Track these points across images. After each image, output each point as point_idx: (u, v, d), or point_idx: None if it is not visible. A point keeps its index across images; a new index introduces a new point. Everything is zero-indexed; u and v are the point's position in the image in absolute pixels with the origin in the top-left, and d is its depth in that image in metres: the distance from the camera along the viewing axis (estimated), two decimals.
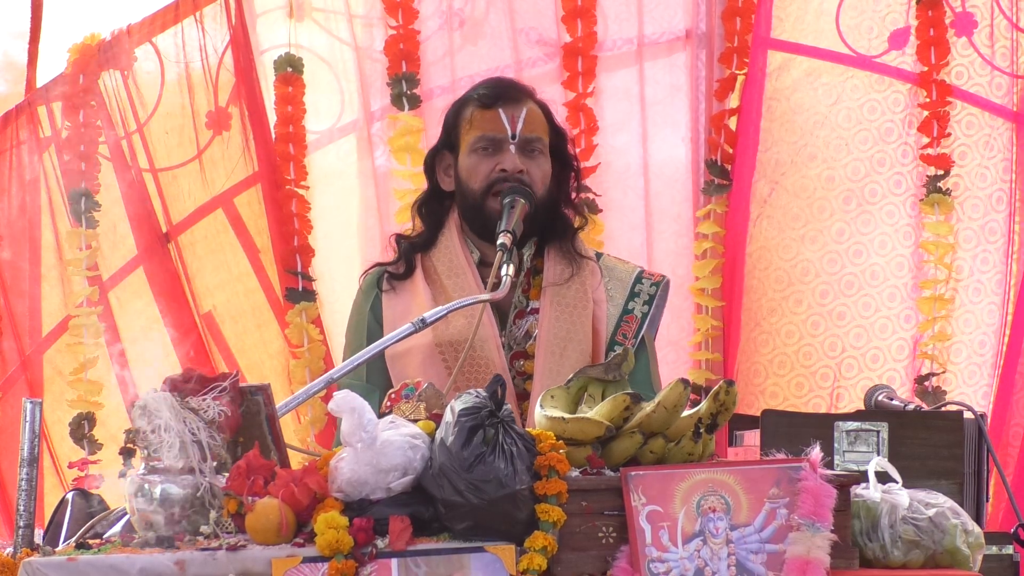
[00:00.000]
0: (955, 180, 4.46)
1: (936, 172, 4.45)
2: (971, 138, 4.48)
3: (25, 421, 2.45)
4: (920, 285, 4.45)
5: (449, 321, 3.18)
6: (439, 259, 3.35)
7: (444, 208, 3.41)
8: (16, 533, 2.43)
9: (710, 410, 2.52)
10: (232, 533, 2.36)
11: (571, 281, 3.33)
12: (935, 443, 2.96)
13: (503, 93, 3.34)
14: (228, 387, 2.47)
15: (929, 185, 4.45)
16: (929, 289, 4.44)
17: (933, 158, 4.46)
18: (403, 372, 3.22)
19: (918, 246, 4.47)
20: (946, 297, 4.43)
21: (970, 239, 4.46)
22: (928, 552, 2.42)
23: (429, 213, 3.43)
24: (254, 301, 4.48)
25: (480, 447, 2.31)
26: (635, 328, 3.36)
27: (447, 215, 3.40)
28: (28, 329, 4.44)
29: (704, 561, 2.30)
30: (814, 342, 4.51)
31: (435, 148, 3.43)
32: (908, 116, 4.49)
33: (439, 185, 3.41)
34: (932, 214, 4.45)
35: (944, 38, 4.45)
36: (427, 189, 3.45)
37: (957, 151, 4.47)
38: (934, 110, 4.45)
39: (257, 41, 4.49)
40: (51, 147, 4.46)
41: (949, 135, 4.45)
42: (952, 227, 4.45)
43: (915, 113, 4.48)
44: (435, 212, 3.42)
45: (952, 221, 4.45)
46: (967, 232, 4.46)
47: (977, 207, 4.47)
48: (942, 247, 4.44)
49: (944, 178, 4.45)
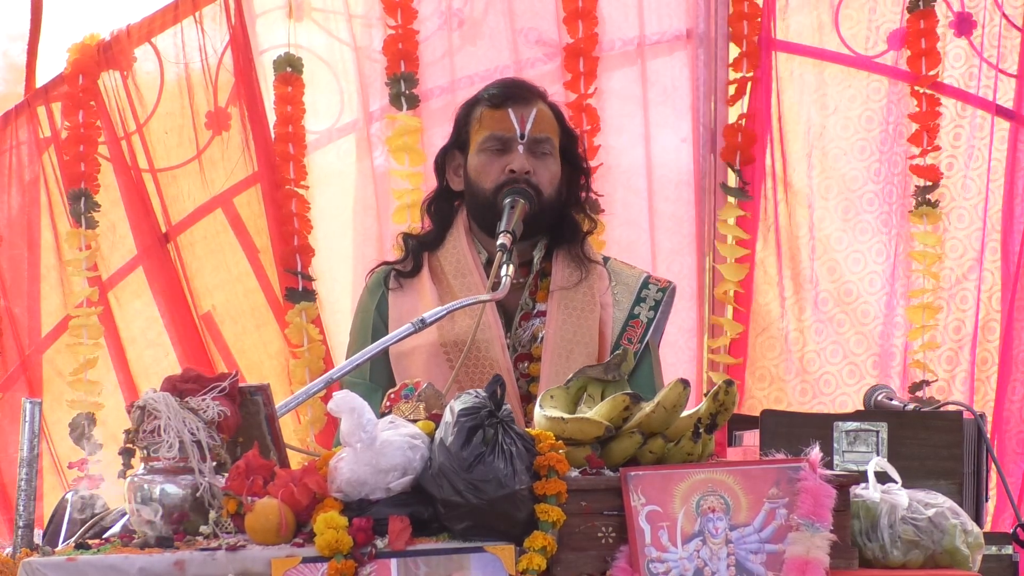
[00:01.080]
0: (942, 191, 4.47)
1: (925, 183, 4.46)
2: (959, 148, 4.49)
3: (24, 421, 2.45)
4: (910, 294, 4.47)
5: (454, 321, 3.19)
6: (446, 258, 3.35)
7: (453, 207, 3.41)
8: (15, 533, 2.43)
9: (709, 410, 2.51)
10: (231, 533, 2.36)
11: (579, 285, 3.33)
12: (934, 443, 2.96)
13: (513, 93, 3.34)
14: (227, 387, 2.48)
15: (918, 196, 4.46)
16: (918, 298, 4.45)
17: (922, 169, 4.46)
18: (407, 371, 3.21)
19: (908, 255, 4.48)
20: (935, 306, 4.45)
21: (956, 248, 4.48)
22: (927, 552, 2.42)
23: (438, 212, 3.43)
24: (254, 301, 4.48)
25: (479, 447, 2.31)
26: (640, 333, 3.36)
27: (455, 214, 3.40)
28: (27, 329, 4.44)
29: (703, 561, 2.30)
30: (817, 348, 4.52)
31: (445, 147, 3.42)
32: (900, 126, 4.50)
33: (448, 184, 3.41)
34: (920, 224, 4.46)
35: (935, 48, 4.46)
36: (436, 188, 3.45)
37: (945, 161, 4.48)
38: (924, 122, 4.45)
39: (256, 41, 4.49)
40: (51, 148, 4.46)
41: (939, 148, 4.46)
42: (939, 237, 4.47)
43: (906, 123, 4.48)
44: (444, 211, 3.42)
45: (939, 231, 4.47)
46: (953, 241, 4.48)
47: (963, 217, 4.49)
48: (929, 257, 4.45)
49: (933, 189, 4.46)
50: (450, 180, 3.41)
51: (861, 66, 4.52)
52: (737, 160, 4.49)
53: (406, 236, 3.46)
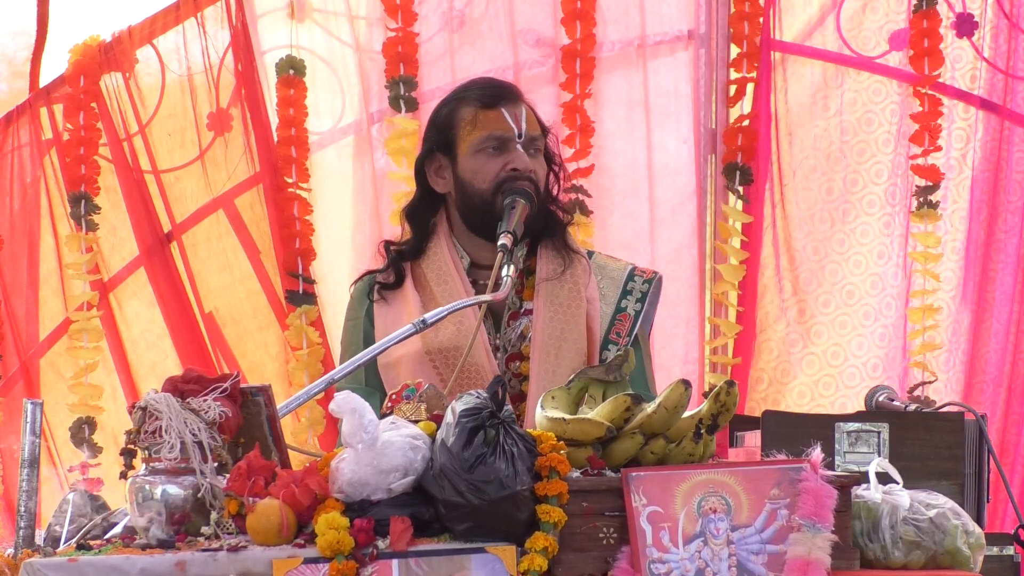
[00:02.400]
0: (943, 192, 4.47)
1: (926, 183, 4.46)
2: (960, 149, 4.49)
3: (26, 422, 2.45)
4: (911, 295, 4.47)
5: (438, 328, 3.15)
6: (428, 266, 3.34)
7: (434, 212, 3.40)
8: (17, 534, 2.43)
9: (711, 411, 2.52)
10: (233, 534, 2.36)
11: (563, 280, 3.31)
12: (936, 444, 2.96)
13: (503, 93, 3.33)
14: (229, 388, 2.48)
15: (919, 196, 4.46)
16: (918, 299, 4.45)
17: (923, 169, 4.46)
18: (395, 380, 3.17)
19: (908, 256, 4.48)
20: (935, 307, 4.45)
21: (957, 250, 4.48)
22: (929, 553, 2.42)
23: (418, 219, 3.40)
24: (255, 303, 4.48)
25: (481, 448, 2.31)
26: (628, 326, 3.35)
27: (438, 219, 3.39)
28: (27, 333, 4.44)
29: (705, 562, 2.30)
30: (816, 351, 4.51)
31: (425, 151, 3.39)
32: (903, 127, 4.50)
33: (431, 188, 3.39)
34: (921, 224, 4.46)
35: (938, 48, 4.46)
36: (417, 194, 3.42)
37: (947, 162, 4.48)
38: (925, 122, 4.45)
39: (258, 42, 4.49)
40: (52, 150, 4.46)
41: (940, 148, 4.46)
42: (939, 238, 4.46)
43: (908, 124, 4.48)
44: (425, 218, 3.40)
45: (940, 232, 4.46)
46: (955, 243, 4.48)
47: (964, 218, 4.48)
48: (930, 258, 4.45)
49: (934, 190, 4.46)
50: (433, 183, 3.36)
51: (862, 67, 4.52)
52: (738, 161, 4.48)
53: (387, 244, 3.45)
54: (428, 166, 3.38)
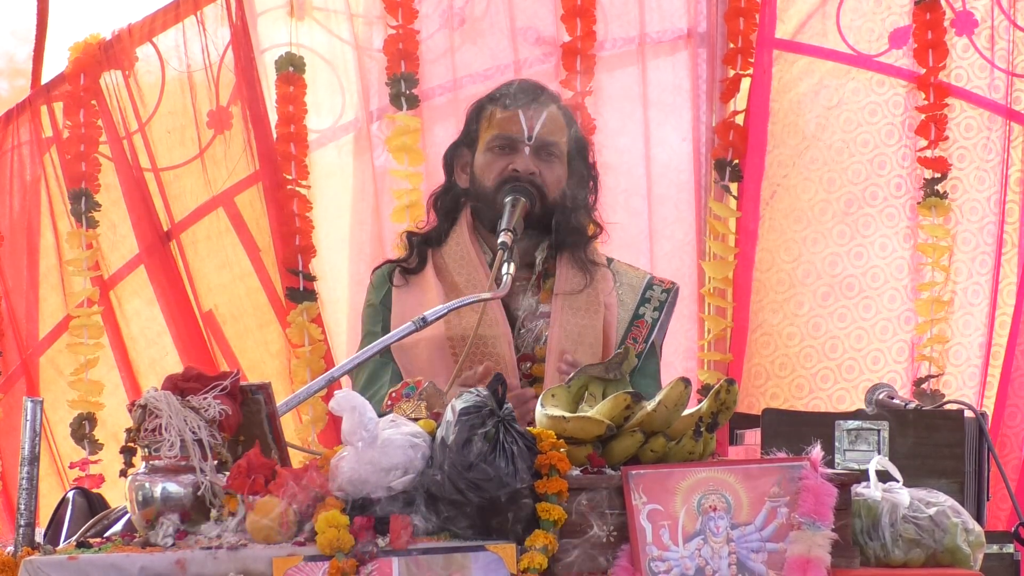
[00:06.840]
0: (953, 183, 4.46)
1: (933, 175, 4.45)
2: (970, 140, 4.48)
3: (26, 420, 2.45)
4: (918, 288, 4.45)
5: (461, 315, 3.19)
6: (450, 255, 3.36)
7: (459, 204, 3.42)
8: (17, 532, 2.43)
9: (711, 409, 2.52)
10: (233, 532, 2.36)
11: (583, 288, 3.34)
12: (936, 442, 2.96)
13: (525, 95, 3.35)
14: (229, 386, 2.48)
15: (926, 188, 4.45)
16: (927, 291, 4.44)
17: (930, 161, 4.45)
18: (412, 363, 3.22)
19: (916, 248, 4.47)
20: (944, 299, 4.43)
21: (968, 241, 4.46)
22: (929, 551, 2.42)
23: (443, 207, 3.44)
24: (255, 300, 4.48)
25: (481, 446, 2.31)
26: (645, 333, 3.38)
27: (461, 211, 3.41)
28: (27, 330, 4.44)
29: (705, 560, 2.30)
30: (815, 344, 4.50)
31: (455, 144, 3.45)
32: (908, 119, 4.49)
33: (456, 180, 3.42)
34: (929, 216, 4.45)
35: (942, 40, 4.45)
36: (444, 184, 3.47)
37: (956, 153, 4.47)
38: (931, 113, 4.44)
39: (258, 40, 4.49)
40: (52, 148, 4.46)
41: (947, 138, 4.45)
42: (949, 230, 4.44)
43: (914, 116, 4.47)
44: (449, 207, 3.43)
45: (949, 224, 4.45)
46: (965, 234, 4.46)
47: (976, 209, 4.47)
48: (939, 250, 4.44)
49: (941, 181, 4.45)
50: (457, 177, 3.42)
51: (862, 65, 4.52)
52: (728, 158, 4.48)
53: (410, 234, 3.47)
54: (456, 160, 3.42)
